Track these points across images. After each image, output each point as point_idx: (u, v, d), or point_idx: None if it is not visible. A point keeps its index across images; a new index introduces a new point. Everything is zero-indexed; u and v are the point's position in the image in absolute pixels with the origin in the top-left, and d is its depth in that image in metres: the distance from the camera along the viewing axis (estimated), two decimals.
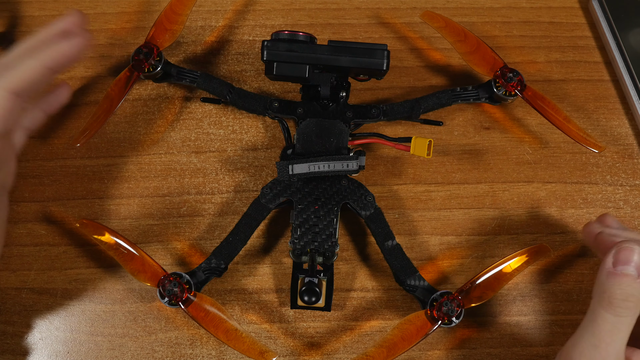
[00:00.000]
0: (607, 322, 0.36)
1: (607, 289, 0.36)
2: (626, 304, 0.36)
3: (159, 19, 0.48)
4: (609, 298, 0.36)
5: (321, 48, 0.44)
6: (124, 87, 0.46)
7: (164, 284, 0.43)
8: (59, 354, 0.46)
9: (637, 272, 0.36)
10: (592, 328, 0.37)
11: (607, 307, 0.36)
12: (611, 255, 0.37)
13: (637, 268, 0.36)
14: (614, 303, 0.36)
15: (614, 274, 0.36)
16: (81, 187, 0.48)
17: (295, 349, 0.46)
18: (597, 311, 0.36)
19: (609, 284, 0.36)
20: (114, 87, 0.47)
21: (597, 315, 0.36)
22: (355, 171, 0.44)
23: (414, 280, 0.44)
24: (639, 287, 0.36)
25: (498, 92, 0.47)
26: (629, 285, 0.36)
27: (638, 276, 0.36)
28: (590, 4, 0.52)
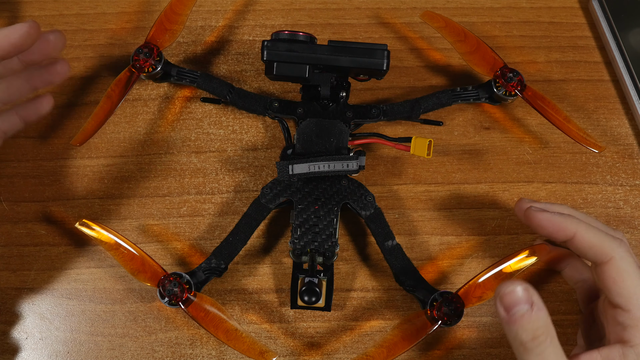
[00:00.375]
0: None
1: (515, 336, 0.35)
2: (538, 340, 0.35)
3: (159, 19, 0.48)
4: (522, 345, 0.35)
5: (321, 48, 0.44)
6: (124, 87, 0.46)
7: (164, 284, 0.43)
8: (59, 354, 0.46)
9: (528, 304, 0.35)
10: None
11: (525, 353, 0.35)
12: (499, 306, 0.35)
13: (526, 302, 0.35)
14: (528, 346, 0.35)
15: (511, 321, 0.35)
16: (81, 187, 0.48)
17: (295, 349, 0.46)
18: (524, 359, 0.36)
19: (513, 332, 0.35)
20: (114, 87, 0.47)
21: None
22: (355, 171, 0.44)
23: (414, 280, 0.44)
24: (537, 316, 0.35)
25: (498, 92, 0.47)
26: (528, 324, 0.35)
27: (531, 308, 0.35)
28: (590, 4, 0.52)
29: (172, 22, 0.48)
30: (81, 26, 0.52)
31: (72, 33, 0.51)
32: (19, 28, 0.38)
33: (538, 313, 0.35)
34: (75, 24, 0.52)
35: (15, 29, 0.38)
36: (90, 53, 0.51)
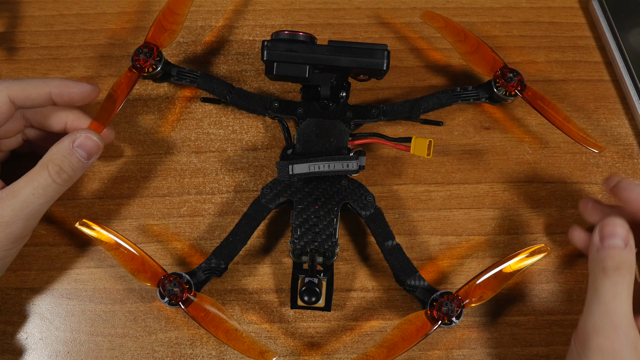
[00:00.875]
0: (608, 291, 0.39)
1: (600, 262, 0.39)
2: (619, 272, 0.39)
3: (158, 19, 0.48)
4: (604, 269, 0.39)
5: (321, 48, 0.43)
6: (125, 88, 0.46)
7: (164, 284, 0.43)
8: (59, 354, 0.46)
9: (624, 243, 0.39)
10: (597, 300, 0.39)
11: (603, 278, 0.39)
12: (597, 232, 0.40)
13: (623, 239, 0.39)
14: (609, 273, 0.39)
15: (603, 248, 0.39)
16: (82, 187, 0.48)
17: (295, 349, 0.46)
18: (597, 283, 0.39)
19: (600, 257, 0.39)
20: (116, 88, 0.46)
21: (599, 288, 0.39)
22: (355, 171, 0.44)
23: (414, 280, 0.44)
24: (628, 254, 0.39)
25: (498, 92, 0.47)
26: (618, 255, 0.39)
27: (625, 246, 0.39)
28: (590, 4, 0.52)
29: (170, 22, 0.48)
30: (81, 26, 0.52)
31: (72, 33, 0.51)
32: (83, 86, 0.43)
33: (629, 253, 0.39)
34: (75, 24, 0.52)
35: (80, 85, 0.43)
36: (90, 53, 0.51)
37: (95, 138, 0.42)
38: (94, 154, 0.42)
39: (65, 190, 0.42)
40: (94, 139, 0.42)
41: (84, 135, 0.42)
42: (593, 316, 0.39)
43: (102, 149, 0.43)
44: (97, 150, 0.42)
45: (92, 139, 0.42)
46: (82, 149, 0.42)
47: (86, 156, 0.42)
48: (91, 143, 0.42)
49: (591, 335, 0.38)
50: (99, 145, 0.42)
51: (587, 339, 0.38)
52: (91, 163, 0.43)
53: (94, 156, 0.42)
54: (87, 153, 0.42)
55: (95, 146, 0.42)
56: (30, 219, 0.41)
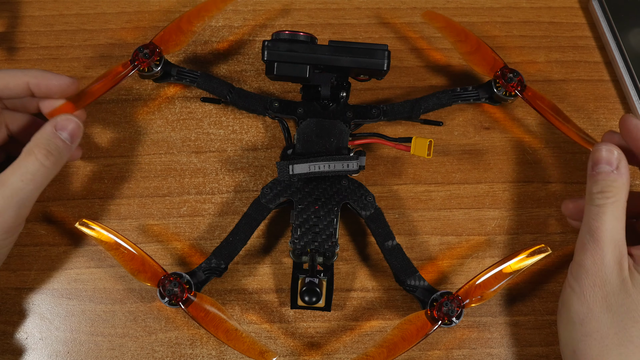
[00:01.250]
0: (591, 212, 0.40)
1: (589, 189, 0.41)
2: (603, 195, 0.40)
3: (172, 25, 0.47)
4: (589, 194, 0.41)
5: (321, 48, 0.43)
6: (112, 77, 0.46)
7: (164, 284, 0.43)
8: (59, 354, 0.46)
9: (611, 167, 0.41)
10: (584, 221, 0.41)
11: (589, 202, 0.41)
12: (590, 159, 0.42)
13: (609, 163, 0.41)
14: (593, 197, 0.40)
15: (592, 175, 0.41)
16: (81, 187, 0.48)
17: (295, 349, 0.46)
18: (585, 208, 0.41)
19: (589, 185, 0.41)
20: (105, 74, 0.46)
21: (585, 211, 0.41)
22: (356, 171, 0.44)
23: (414, 280, 0.44)
24: (614, 178, 0.40)
25: (498, 93, 0.47)
26: (603, 180, 0.40)
27: (611, 171, 0.41)
28: (590, 4, 0.52)
29: (183, 32, 0.48)
30: (81, 26, 0.52)
31: (72, 33, 0.51)
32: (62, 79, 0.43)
33: (616, 176, 0.40)
34: (75, 24, 0.52)
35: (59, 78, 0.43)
36: (90, 53, 0.51)
37: (76, 119, 0.43)
38: (76, 136, 0.43)
39: (53, 175, 0.42)
40: (75, 120, 0.42)
41: (65, 118, 0.42)
42: (580, 236, 0.41)
43: (82, 132, 0.43)
44: (78, 132, 0.43)
45: (72, 121, 0.42)
46: (65, 131, 0.42)
47: (69, 138, 0.42)
48: (73, 125, 0.42)
49: (578, 251, 0.41)
50: (79, 126, 0.43)
51: (576, 254, 0.41)
52: (74, 146, 0.43)
53: (77, 138, 0.43)
54: (70, 135, 0.42)
55: (76, 127, 0.42)
56: (21, 206, 0.41)
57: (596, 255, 0.40)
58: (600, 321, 0.39)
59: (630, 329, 0.39)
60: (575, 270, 0.41)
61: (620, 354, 0.39)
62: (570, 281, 0.41)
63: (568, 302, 0.41)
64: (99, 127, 0.49)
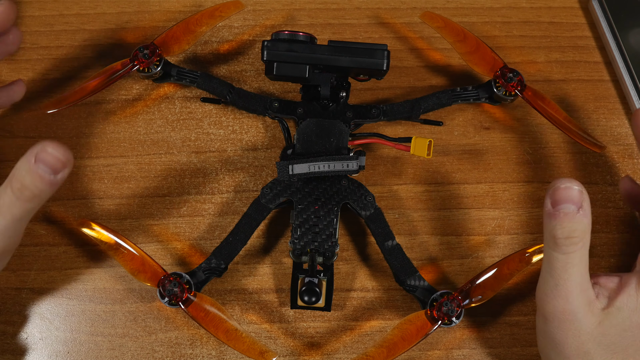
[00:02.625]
0: (559, 262, 0.37)
1: (550, 230, 0.37)
2: (570, 241, 0.36)
3: (175, 28, 0.47)
4: (554, 239, 0.36)
5: (321, 48, 0.44)
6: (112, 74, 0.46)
7: (164, 284, 0.43)
8: (59, 354, 0.46)
9: (576, 207, 0.36)
10: (548, 269, 0.38)
11: (554, 248, 0.37)
12: (548, 197, 0.37)
13: (575, 203, 0.36)
14: (559, 243, 0.36)
15: (554, 215, 0.36)
16: (81, 187, 0.48)
17: (295, 349, 0.46)
18: (548, 253, 0.37)
19: (550, 225, 0.37)
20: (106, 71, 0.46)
21: (549, 257, 0.37)
22: (355, 171, 0.44)
23: (414, 280, 0.44)
24: (580, 220, 0.36)
25: (498, 92, 0.47)
26: (569, 222, 0.36)
27: (577, 211, 0.36)
28: (590, 4, 0.52)
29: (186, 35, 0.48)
30: (81, 26, 0.52)
31: (72, 33, 0.51)
32: None
33: (582, 218, 0.36)
34: (75, 24, 0.52)
35: None
36: (90, 53, 0.51)
37: (59, 154, 0.36)
38: (59, 170, 0.36)
39: (38, 207, 0.38)
40: (57, 155, 0.36)
41: (47, 151, 0.35)
42: (544, 286, 0.38)
43: (70, 163, 0.36)
44: (62, 166, 0.36)
45: (54, 156, 0.35)
46: (45, 164, 0.35)
47: (50, 172, 0.36)
48: (54, 159, 0.36)
49: (543, 303, 0.39)
50: (62, 161, 0.36)
51: (542, 306, 0.39)
52: (62, 178, 0.36)
53: (62, 171, 0.36)
54: (51, 169, 0.36)
55: (59, 162, 0.36)
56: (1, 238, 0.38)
57: (565, 309, 0.38)
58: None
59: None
60: (543, 322, 0.39)
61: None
62: (543, 331, 0.39)
63: (546, 353, 0.41)
64: (99, 127, 0.49)
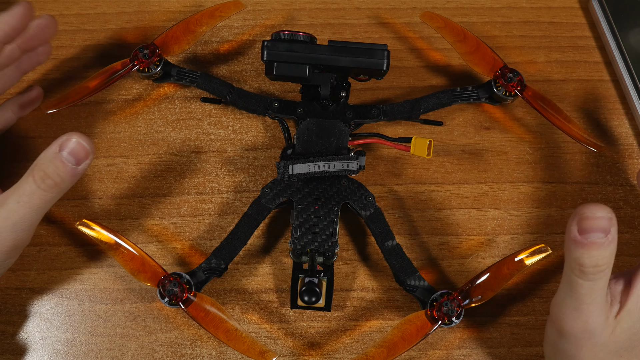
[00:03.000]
0: (583, 288, 0.36)
1: (577, 258, 0.36)
2: (597, 269, 0.36)
3: (175, 28, 0.47)
4: (580, 267, 0.36)
5: (321, 48, 0.44)
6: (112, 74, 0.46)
7: (164, 284, 0.43)
8: (59, 354, 0.46)
9: (605, 234, 0.35)
10: (571, 293, 0.37)
11: (580, 275, 0.36)
12: (575, 223, 0.35)
13: (604, 231, 0.35)
14: (586, 271, 0.36)
15: (582, 243, 0.35)
16: (81, 187, 0.48)
17: (295, 349, 0.46)
18: (572, 279, 0.36)
19: (577, 253, 0.36)
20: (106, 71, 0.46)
21: (574, 283, 0.37)
22: (355, 171, 0.44)
23: (414, 280, 0.44)
24: (607, 247, 0.35)
25: (498, 92, 0.47)
26: (597, 251, 0.35)
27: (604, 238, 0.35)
28: (590, 4, 0.52)
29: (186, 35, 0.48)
30: (81, 26, 0.52)
31: (72, 33, 0.51)
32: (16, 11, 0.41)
33: (610, 245, 0.35)
34: (75, 24, 0.52)
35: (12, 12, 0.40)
36: (90, 53, 0.51)
37: (84, 143, 0.38)
38: (82, 160, 0.38)
39: (56, 200, 0.39)
40: (83, 143, 0.38)
41: (72, 140, 0.38)
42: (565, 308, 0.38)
43: (92, 155, 0.39)
44: (85, 155, 0.38)
45: (80, 144, 0.38)
46: (70, 154, 0.38)
47: (74, 161, 0.38)
48: (79, 147, 0.38)
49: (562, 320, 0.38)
50: (87, 150, 0.38)
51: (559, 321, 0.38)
52: (82, 169, 0.39)
53: (84, 162, 0.39)
54: (75, 158, 0.38)
55: (83, 151, 0.38)
56: (17, 230, 0.39)
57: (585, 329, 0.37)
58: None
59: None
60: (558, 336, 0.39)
61: None
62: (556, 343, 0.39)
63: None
64: (99, 127, 0.49)
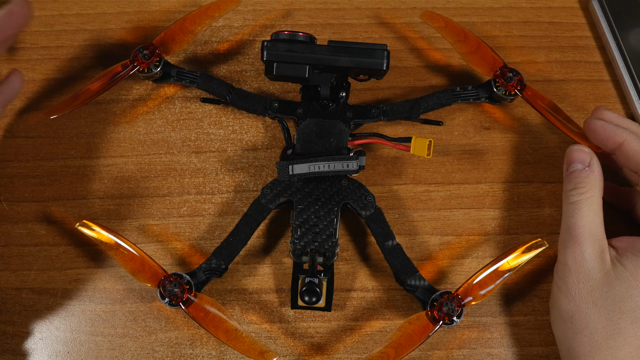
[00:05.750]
0: (567, 209, 0.42)
1: (564, 188, 0.43)
2: (577, 191, 0.42)
3: (174, 27, 0.47)
4: (565, 192, 0.43)
5: (321, 48, 0.44)
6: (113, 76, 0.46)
7: (164, 284, 0.43)
8: (59, 354, 0.46)
9: (583, 166, 0.43)
10: (563, 222, 0.43)
11: (565, 199, 0.43)
12: (565, 162, 0.44)
13: (582, 162, 0.43)
14: (567, 194, 0.43)
15: (566, 175, 0.43)
16: (81, 187, 0.48)
17: (296, 349, 0.46)
18: (564, 208, 0.43)
19: (565, 184, 0.43)
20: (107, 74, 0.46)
21: (565, 211, 0.43)
22: (355, 171, 0.44)
23: (415, 280, 0.44)
24: (586, 175, 0.42)
25: (498, 92, 0.47)
26: (575, 177, 0.42)
27: (585, 167, 0.43)
28: (590, 4, 0.52)
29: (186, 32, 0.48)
30: (81, 26, 0.52)
31: (72, 33, 0.51)
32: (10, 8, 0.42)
33: (588, 172, 0.42)
34: (75, 24, 0.52)
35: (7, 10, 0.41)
36: (90, 53, 0.51)
37: None
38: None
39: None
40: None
41: None
42: (560, 235, 0.43)
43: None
44: None
45: None
46: None
47: None
48: None
49: (560, 250, 0.42)
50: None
51: (558, 254, 0.42)
52: None
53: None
54: None
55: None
56: None
57: (576, 252, 0.41)
58: (588, 317, 0.40)
59: (617, 321, 0.40)
60: (559, 269, 0.42)
61: (609, 347, 0.39)
62: (556, 280, 0.42)
63: (557, 301, 0.42)
64: (99, 127, 0.49)
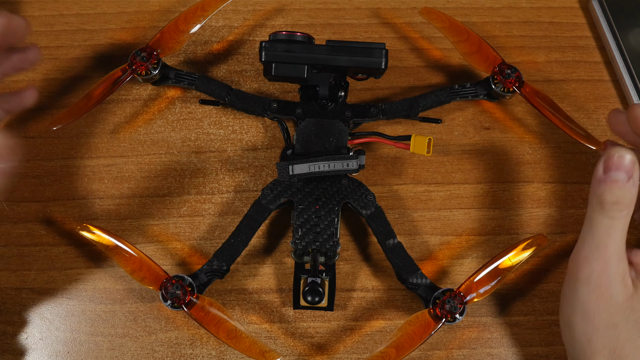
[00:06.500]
0: (602, 225, 0.39)
1: (599, 195, 0.38)
2: (617, 207, 0.38)
3: (168, 27, 0.47)
4: (601, 203, 0.38)
5: (319, 48, 0.44)
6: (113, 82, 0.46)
7: (166, 287, 0.43)
8: (59, 354, 0.46)
9: (627, 176, 0.38)
10: (591, 233, 0.39)
11: (600, 211, 0.38)
12: (601, 163, 0.39)
13: (627, 172, 0.38)
14: (606, 207, 0.38)
15: (604, 180, 0.38)
16: (81, 187, 0.48)
17: (296, 349, 0.46)
18: (593, 216, 0.39)
19: (600, 190, 0.38)
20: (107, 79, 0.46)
21: (594, 220, 0.39)
22: (356, 170, 0.44)
23: (416, 278, 0.44)
24: (629, 189, 0.38)
25: (496, 89, 0.47)
26: (618, 189, 0.38)
27: (627, 180, 0.38)
28: (590, 4, 0.52)
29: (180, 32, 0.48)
30: (81, 26, 0.52)
31: (72, 33, 0.51)
32: None
33: (631, 187, 0.38)
34: (75, 24, 0.52)
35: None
36: (90, 53, 0.51)
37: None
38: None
39: None
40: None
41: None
42: (585, 248, 0.39)
43: None
44: None
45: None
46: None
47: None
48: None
49: (581, 265, 0.39)
50: None
51: (577, 270, 0.40)
52: None
53: None
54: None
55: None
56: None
57: (603, 273, 0.38)
58: (607, 338, 0.38)
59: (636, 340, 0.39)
60: (576, 285, 0.39)
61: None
62: (569, 296, 0.40)
63: (571, 322, 0.40)
64: (99, 127, 0.49)
